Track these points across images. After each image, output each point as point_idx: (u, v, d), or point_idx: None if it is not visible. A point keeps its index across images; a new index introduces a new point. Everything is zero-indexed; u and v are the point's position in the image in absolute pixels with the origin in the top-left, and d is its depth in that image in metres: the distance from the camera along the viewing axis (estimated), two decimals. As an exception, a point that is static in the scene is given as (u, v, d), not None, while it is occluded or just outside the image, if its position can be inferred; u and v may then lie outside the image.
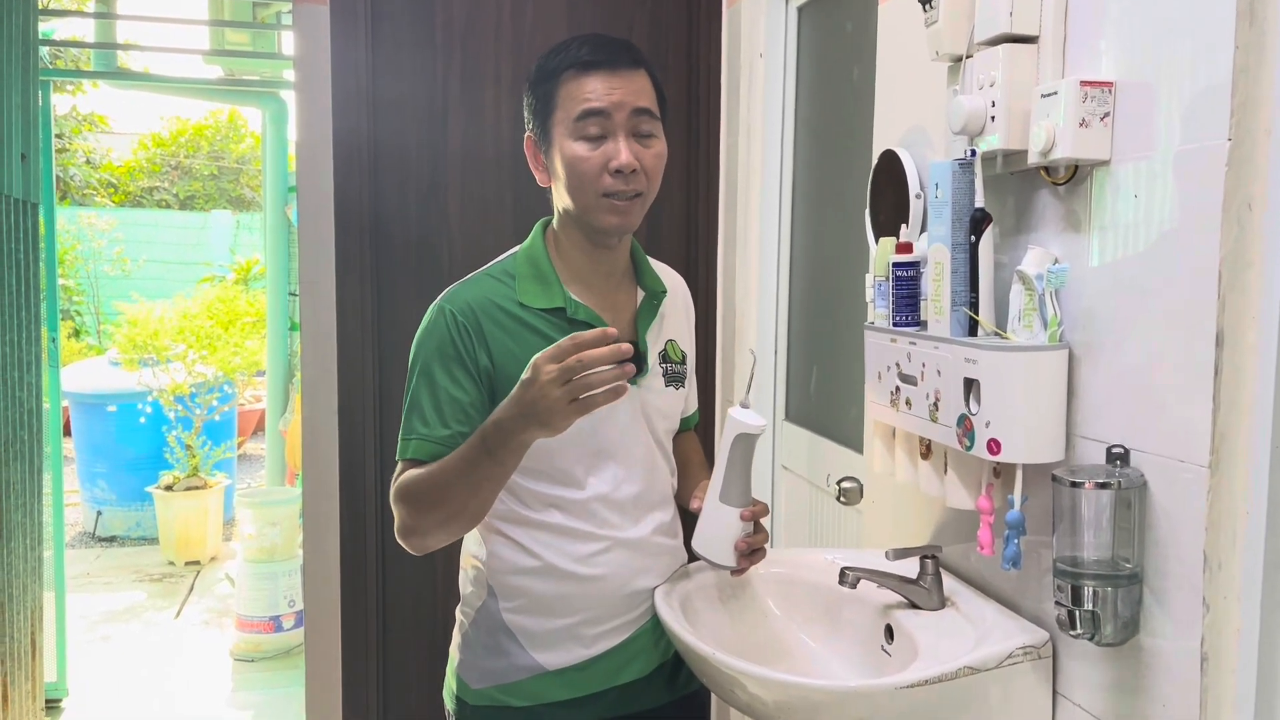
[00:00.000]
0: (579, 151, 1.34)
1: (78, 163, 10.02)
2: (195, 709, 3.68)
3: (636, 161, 1.34)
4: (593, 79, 1.34)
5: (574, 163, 1.34)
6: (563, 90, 1.35)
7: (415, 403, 1.37)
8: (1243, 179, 0.92)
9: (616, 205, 1.35)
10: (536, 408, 1.18)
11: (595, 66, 1.34)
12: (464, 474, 1.28)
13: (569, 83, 1.35)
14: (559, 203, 1.41)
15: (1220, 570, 0.95)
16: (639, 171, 1.35)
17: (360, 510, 2.42)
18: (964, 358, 1.15)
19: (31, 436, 3.28)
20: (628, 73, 1.35)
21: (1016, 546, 1.13)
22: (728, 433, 1.34)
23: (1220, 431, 0.94)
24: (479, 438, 1.27)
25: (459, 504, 1.31)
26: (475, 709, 1.44)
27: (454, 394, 1.35)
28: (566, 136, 1.35)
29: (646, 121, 1.36)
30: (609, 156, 1.33)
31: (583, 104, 1.33)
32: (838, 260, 2.06)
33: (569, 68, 1.35)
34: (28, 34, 3.25)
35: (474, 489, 1.29)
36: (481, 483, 1.29)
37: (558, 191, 1.40)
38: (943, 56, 1.28)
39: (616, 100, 1.33)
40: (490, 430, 1.25)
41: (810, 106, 2.23)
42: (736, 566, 1.38)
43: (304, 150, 2.36)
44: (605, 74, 1.34)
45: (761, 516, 1.38)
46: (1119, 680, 1.08)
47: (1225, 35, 0.92)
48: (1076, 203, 1.13)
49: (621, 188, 1.34)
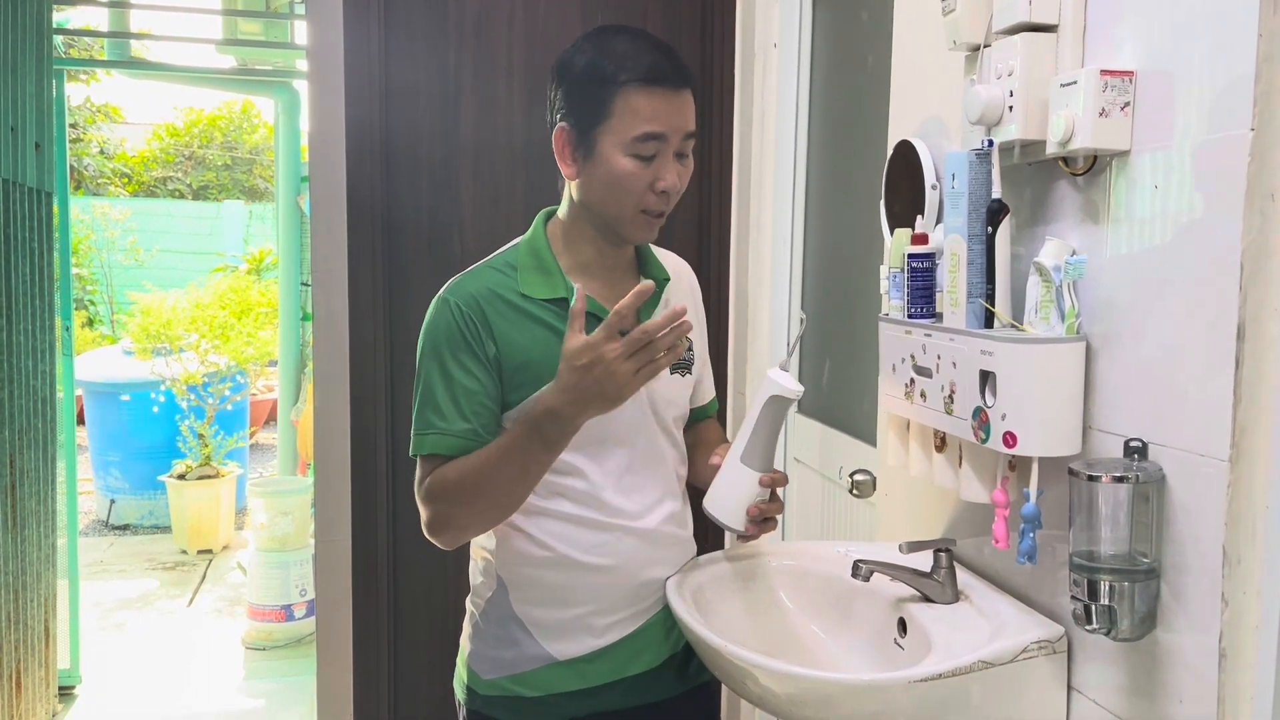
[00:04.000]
0: (630, 168, 1.32)
1: (91, 153, 10.07)
2: (207, 697, 3.70)
3: (679, 183, 1.35)
4: (655, 98, 1.31)
5: (623, 177, 1.33)
6: (619, 101, 1.32)
7: (428, 396, 1.36)
8: (1265, 169, 0.91)
9: (652, 221, 1.37)
10: (603, 386, 1.22)
11: (657, 83, 1.32)
12: (513, 464, 1.30)
13: (632, 96, 1.31)
14: (582, 198, 1.39)
15: (1239, 565, 0.94)
16: (676, 191, 1.36)
17: (372, 500, 2.42)
18: (980, 350, 1.15)
19: (46, 425, 3.30)
20: (685, 93, 1.35)
21: (1032, 540, 1.13)
22: (762, 392, 1.33)
23: (1241, 425, 0.93)
24: (530, 428, 1.28)
25: (505, 494, 1.33)
26: (486, 699, 1.44)
27: (468, 385, 1.35)
28: (619, 150, 1.32)
29: (690, 144, 1.37)
30: (656, 176, 1.33)
31: (645, 125, 1.31)
32: (852, 252, 2.05)
33: (634, 80, 1.31)
34: (42, 23, 3.25)
35: (524, 478, 1.32)
36: (531, 470, 1.31)
37: (586, 189, 1.37)
38: (960, 45, 1.27)
39: (675, 125, 1.33)
40: (543, 419, 1.27)
41: (825, 96, 2.22)
42: (744, 531, 1.37)
43: (316, 140, 2.36)
44: (667, 94, 1.32)
45: (780, 485, 1.37)
46: (1135, 676, 1.07)
47: (1249, 23, 0.91)
48: (1095, 193, 1.11)
49: (662, 207, 1.36)
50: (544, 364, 1.35)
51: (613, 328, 1.21)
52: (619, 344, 1.20)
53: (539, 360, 1.35)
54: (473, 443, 1.34)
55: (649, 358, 1.21)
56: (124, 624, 4.45)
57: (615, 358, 1.20)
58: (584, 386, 1.22)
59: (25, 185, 3.18)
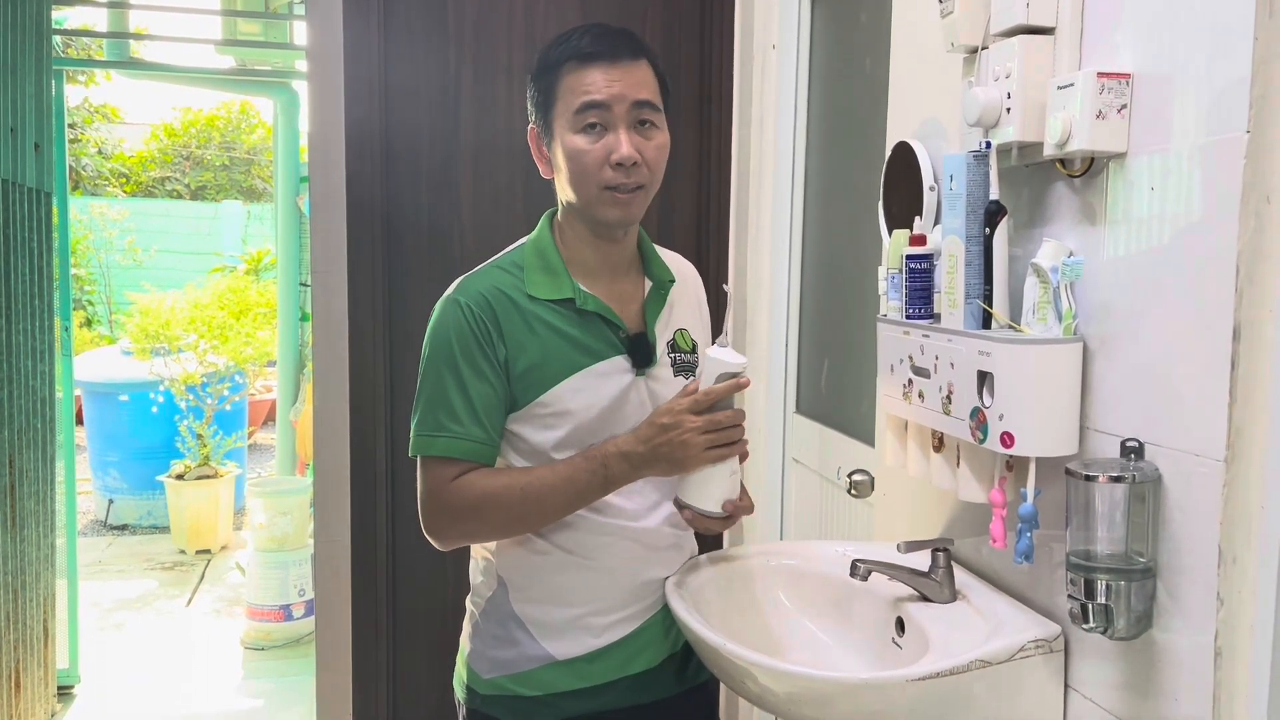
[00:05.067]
0: (579, 144, 1.33)
1: (90, 153, 10.05)
2: (206, 697, 3.70)
3: (637, 154, 1.33)
4: (593, 71, 1.33)
5: (575, 155, 1.34)
6: (563, 82, 1.35)
7: (440, 398, 1.35)
8: (1261, 172, 0.91)
9: (618, 198, 1.35)
10: (675, 453, 1.29)
11: (595, 58, 1.33)
12: (567, 494, 1.33)
13: (569, 75, 1.34)
14: (562, 195, 1.41)
15: (1235, 565, 0.94)
16: (640, 164, 1.34)
17: (371, 500, 2.43)
18: (978, 350, 1.15)
19: (45, 425, 3.30)
20: (629, 64, 1.34)
21: (1029, 540, 1.13)
22: (708, 374, 1.31)
23: (1236, 426, 0.93)
24: (598, 464, 1.32)
25: (544, 518, 1.37)
26: (485, 698, 1.44)
27: (481, 389, 1.35)
28: (567, 129, 1.34)
29: (648, 113, 1.35)
30: (610, 149, 1.33)
31: (582, 96, 1.33)
32: (850, 252, 2.05)
33: (569, 59, 1.34)
34: (41, 23, 3.25)
35: (569, 507, 1.36)
36: (580, 503, 1.35)
37: (560, 184, 1.40)
38: (958, 48, 1.27)
39: (617, 92, 1.33)
40: (614, 462, 1.31)
41: (823, 98, 2.22)
42: (721, 513, 1.36)
43: (316, 140, 2.36)
44: (605, 65, 1.33)
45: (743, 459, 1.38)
46: (1131, 674, 1.07)
47: (1245, 27, 0.91)
48: (1092, 195, 1.12)
49: (623, 180, 1.34)
50: (551, 365, 1.35)
51: (700, 403, 1.28)
52: (703, 419, 1.28)
53: (546, 361, 1.36)
54: (486, 449, 1.35)
55: (726, 441, 1.29)
56: (123, 624, 4.45)
57: (693, 428, 1.28)
58: (657, 443, 1.29)
59: (25, 186, 3.18)
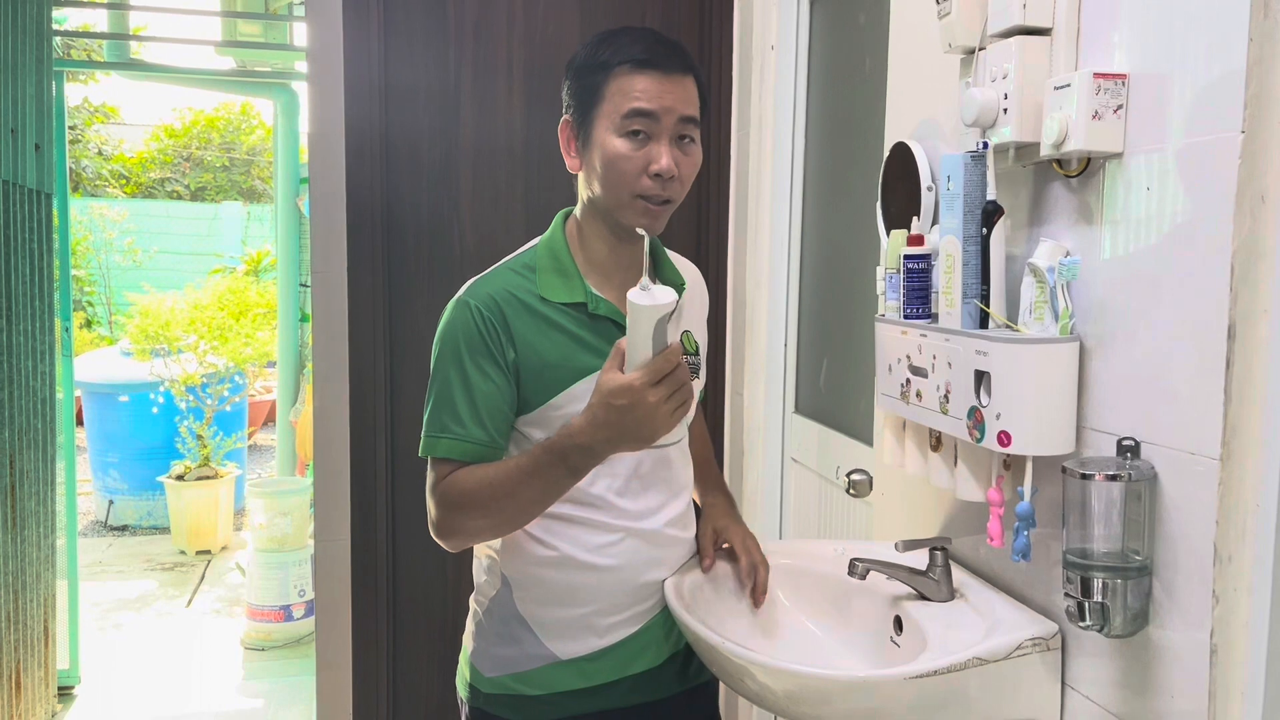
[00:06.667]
0: (621, 149, 1.33)
1: (90, 154, 10.06)
2: (206, 697, 3.71)
3: (676, 168, 1.34)
4: (645, 79, 1.32)
5: (614, 159, 1.33)
6: (613, 84, 1.33)
7: (445, 399, 1.36)
8: (1256, 171, 0.92)
9: (650, 208, 1.35)
10: (642, 431, 1.23)
11: (650, 66, 1.33)
12: (535, 487, 1.31)
13: (621, 78, 1.33)
14: (586, 192, 1.40)
15: (1230, 563, 0.95)
16: (675, 178, 1.34)
17: (371, 500, 2.43)
18: (975, 350, 1.16)
19: (45, 425, 3.31)
20: (680, 77, 1.34)
21: (1026, 538, 1.14)
22: (644, 319, 1.19)
23: (1231, 424, 0.94)
24: (558, 456, 1.28)
25: (522, 512, 1.34)
26: (488, 697, 1.45)
27: (486, 390, 1.35)
28: (610, 131, 1.33)
29: (690, 128, 1.36)
30: (650, 159, 1.32)
31: (632, 102, 1.32)
32: (848, 252, 2.06)
33: (623, 63, 1.33)
34: (41, 24, 3.26)
35: (543, 500, 1.33)
36: (552, 494, 1.33)
37: (588, 181, 1.39)
38: (955, 49, 1.28)
39: (667, 104, 1.32)
40: (572, 451, 1.27)
41: (822, 98, 2.23)
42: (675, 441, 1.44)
43: (316, 141, 2.37)
44: (658, 76, 1.33)
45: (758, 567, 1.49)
46: (1128, 672, 1.08)
47: (1239, 27, 0.92)
48: (1089, 195, 1.12)
49: (657, 192, 1.34)
50: (562, 368, 1.36)
51: (658, 373, 1.20)
52: (662, 389, 1.20)
53: (557, 364, 1.36)
54: (487, 450, 1.35)
55: (683, 394, 1.23)
56: (123, 624, 4.45)
57: (657, 401, 1.21)
58: (622, 425, 1.23)
59: (25, 186, 3.18)
